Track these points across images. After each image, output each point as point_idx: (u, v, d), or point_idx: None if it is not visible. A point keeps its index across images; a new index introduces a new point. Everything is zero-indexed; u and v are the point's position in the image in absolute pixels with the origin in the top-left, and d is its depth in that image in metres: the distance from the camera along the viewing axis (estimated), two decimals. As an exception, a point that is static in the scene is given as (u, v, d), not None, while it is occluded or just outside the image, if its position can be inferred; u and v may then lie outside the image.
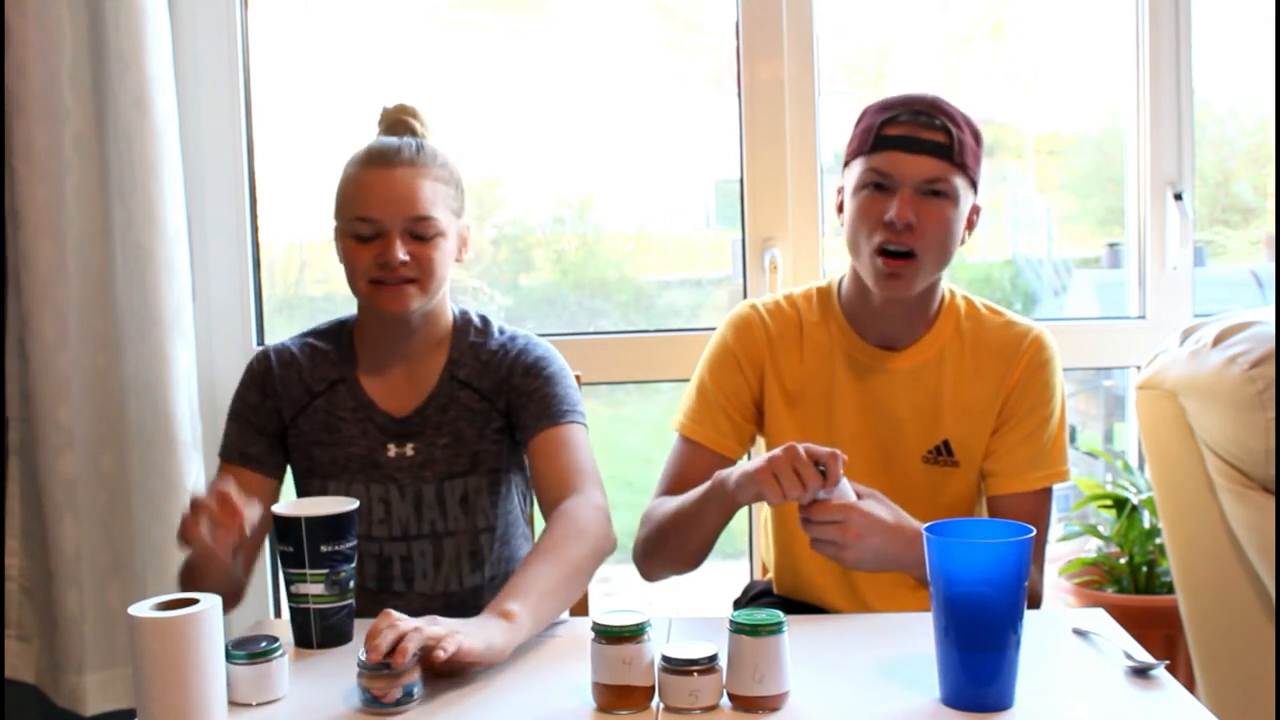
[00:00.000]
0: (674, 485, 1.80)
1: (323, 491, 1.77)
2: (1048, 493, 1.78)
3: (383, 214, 1.66)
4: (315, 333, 1.83)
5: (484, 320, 1.82)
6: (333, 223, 1.75)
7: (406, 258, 1.65)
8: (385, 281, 1.67)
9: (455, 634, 1.32)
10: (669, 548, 1.74)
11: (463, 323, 1.80)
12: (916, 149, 1.66)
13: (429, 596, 1.78)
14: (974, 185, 1.72)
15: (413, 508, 1.76)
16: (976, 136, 1.72)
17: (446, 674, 1.36)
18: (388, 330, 1.76)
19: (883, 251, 1.68)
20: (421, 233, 1.67)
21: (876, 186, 1.68)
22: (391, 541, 1.76)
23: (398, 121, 1.76)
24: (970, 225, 1.75)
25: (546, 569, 1.51)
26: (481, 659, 1.36)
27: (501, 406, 1.77)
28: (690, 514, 1.66)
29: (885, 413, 1.78)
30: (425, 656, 1.31)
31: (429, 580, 1.78)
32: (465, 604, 1.79)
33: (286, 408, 1.77)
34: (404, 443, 1.75)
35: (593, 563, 1.59)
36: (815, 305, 1.84)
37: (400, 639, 1.29)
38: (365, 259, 1.67)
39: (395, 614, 1.32)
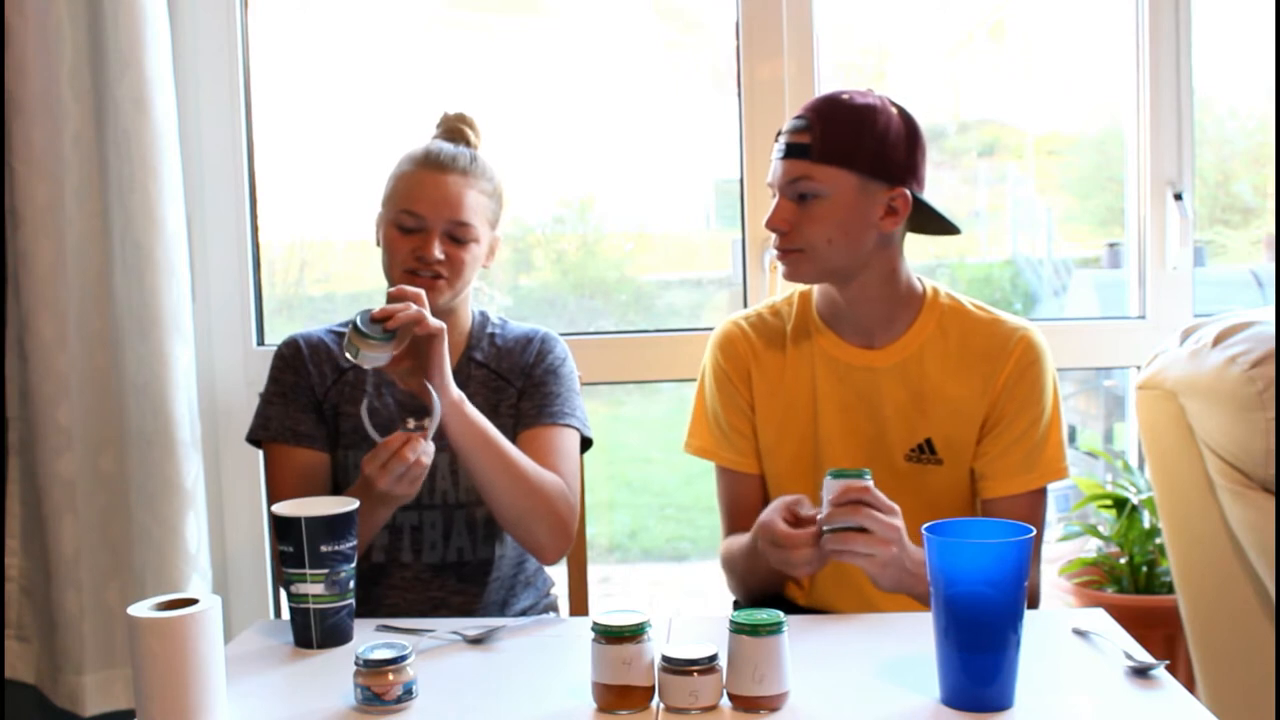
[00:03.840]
0: (732, 516, 1.88)
1: (345, 461, 1.83)
2: (1042, 492, 1.78)
3: (428, 212, 1.78)
4: (338, 325, 1.94)
5: (502, 320, 1.95)
6: (356, 219, 1.90)
7: (442, 256, 1.78)
8: (418, 273, 1.78)
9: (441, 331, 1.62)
10: (761, 587, 1.81)
11: (481, 319, 1.93)
12: (783, 154, 1.74)
13: (438, 567, 1.83)
14: (872, 175, 1.70)
15: (427, 476, 1.78)
16: (862, 123, 1.70)
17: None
18: None
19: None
20: (459, 236, 1.79)
21: (773, 195, 1.77)
22: (404, 510, 1.81)
23: (454, 129, 1.88)
24: (894, 215, 1.73)
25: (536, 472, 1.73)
26: (441, 341, 1.63)
27: (519, 386, 1.87)
28: (758, 574, 1.73)
29: (868, 410, 1.79)
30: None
31: (437, 551, 1.83)
32: (475, 576, 1.84)
33: (319, 383, 1.86)
34: (422, 416, 1.82)
35: (544, 499, 1.73)
36: (795, 309, 1.86)
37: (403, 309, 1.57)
38: (404, 249, 1.79)
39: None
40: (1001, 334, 1.78)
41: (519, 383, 1.86)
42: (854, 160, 1.70)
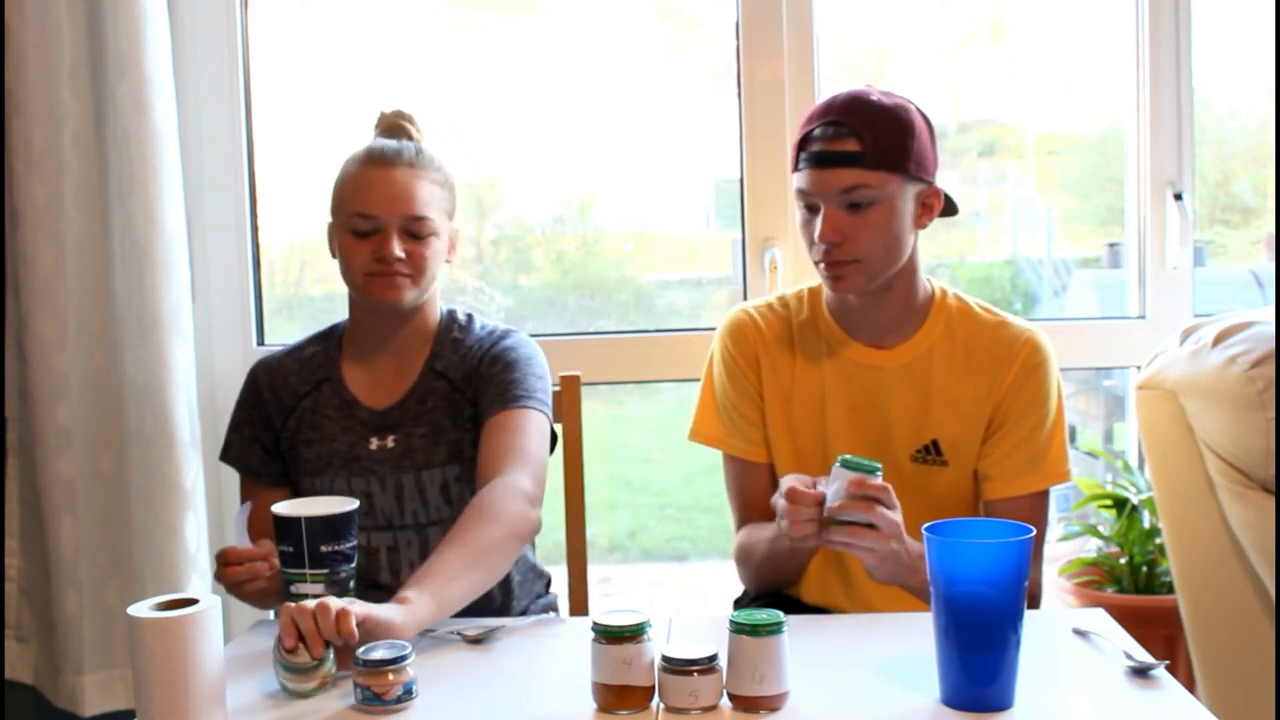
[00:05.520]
0: (744, 506, 1.86)
1: (312, 488, 1.81)
2: (1045, 494, 1.78)
3: (382, 211, 1.73)
4: (306, 340, 1.90)
5: (468, 317, 1.88)
6: (328, 219, 1.82)
7: (402, 254, 1.72)
8: (379, 275, 1.73)
9: (355, 604, 1.37)
10: (777, 581, 1.84)
11: (448, 320, 1.87)
12: (830, 163, 1.68)
13: None
14: (915, 175, 1.70)
15: (394, 499, 1.79)
16: (902, 125, 1.68)
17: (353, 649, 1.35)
18: (378, 324, 1.82)
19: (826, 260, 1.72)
20: (416, 231, 1.74)
21: (807, 206, 1.72)
22: (377, 531, 1.80)
23: (394, 125, 1.82)
24: (929, 211, 1.74)
25: (451, 553, 1.54)
26: (387, 629, 1.37)
27: (470, 395, 1.80)
28: (783, 561, 1.75)
29: (875, 410, 1.79)
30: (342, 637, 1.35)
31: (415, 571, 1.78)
32: None
33: (276, 414, 1.84)
34: (385, 435, 1.80)
35: (507, 544, 1.61)
36: (806, 304, 1.85)
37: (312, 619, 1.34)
38: (362, 253, 1.74)
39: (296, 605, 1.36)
40: (1008, 336, 1.78)
41: (470, 391, 1.79)
42: (902, 164, 1.68)
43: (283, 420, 1.83)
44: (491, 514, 1.60)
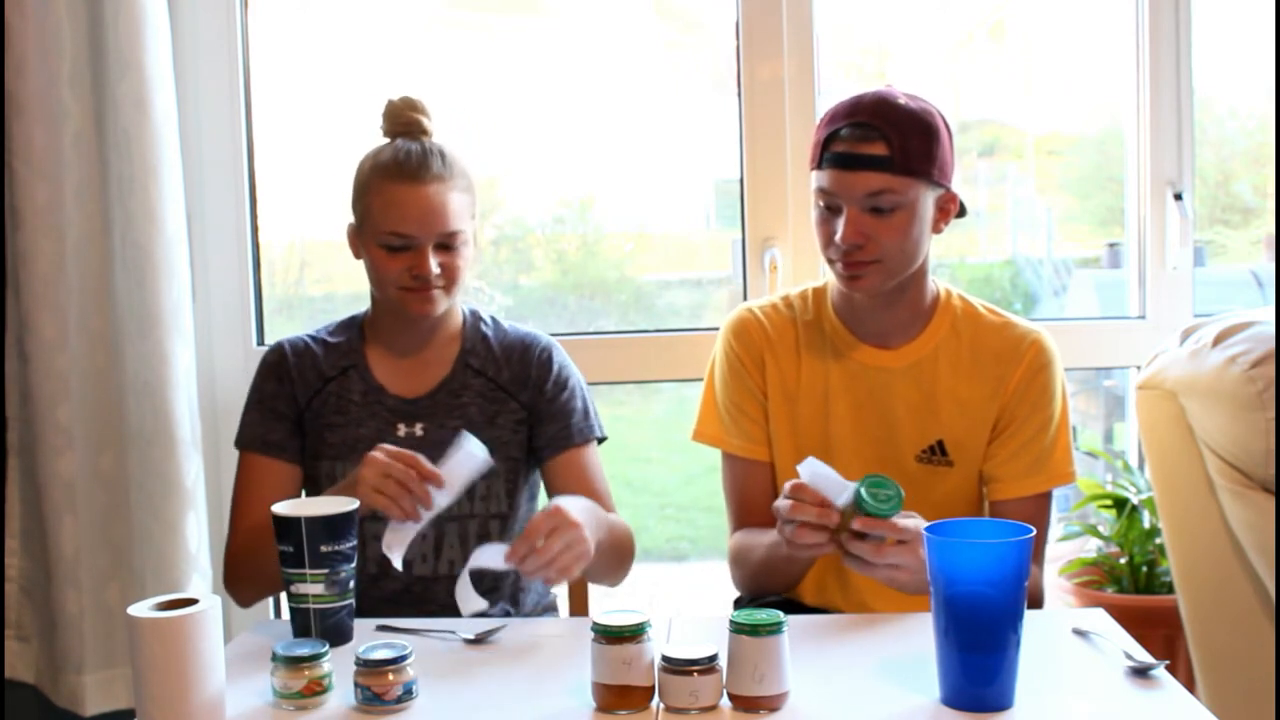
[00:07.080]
0: (740, 508, 1.86)
1: (332, 473, 1.80)
2: (1048, 494, 1.78)
3: (417, 231, 1.72)
4: (326, 329, 1.91)
5: (493, 318, 1.91)
6: (347, 220, 1.83)
7: (438, 270, 1.72)
8: (415, 289, 1.74)
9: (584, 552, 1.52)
10: (772, 587, 1.82)
11: (473, 319, 1.89)
12: (857, 165, 1.66)
13: (429, 580, 1.81)
14: (937, 181, 1.69)
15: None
16: (929, 131, 1.68)
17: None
18: (403, 324, 1.84)
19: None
20: (449, 244, 1.75)
21: (827, 206, 1.71)
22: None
23: (410, 122, 1.79)
24: (945, 215, 1.74)
25: (618, 528, 1.75)
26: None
27: (525, 401, 1.84)
28: (782, 567, 1.74)
29: (880, 411, 1.79)
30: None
31: (429, 564, 1.80)
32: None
33: (301, 393, 1.84)
34: (414, 422, 1.81)
35: (627, 563, 1.81)
36: (810, 304, 1.85)
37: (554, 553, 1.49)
38: (396, 269, 1.74)
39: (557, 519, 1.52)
40: (1013, 337, 1.78)
41: (524, 397, 1.84)
42: (926, 170, 1.68)
43: (308, 399, 1.83)
44: (629, 536, 1.81)
